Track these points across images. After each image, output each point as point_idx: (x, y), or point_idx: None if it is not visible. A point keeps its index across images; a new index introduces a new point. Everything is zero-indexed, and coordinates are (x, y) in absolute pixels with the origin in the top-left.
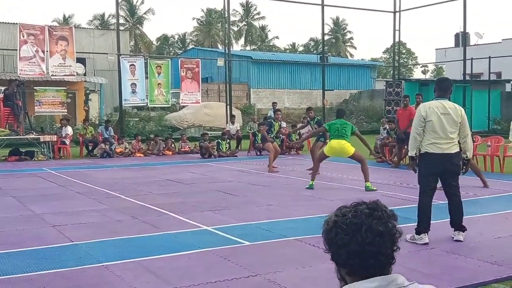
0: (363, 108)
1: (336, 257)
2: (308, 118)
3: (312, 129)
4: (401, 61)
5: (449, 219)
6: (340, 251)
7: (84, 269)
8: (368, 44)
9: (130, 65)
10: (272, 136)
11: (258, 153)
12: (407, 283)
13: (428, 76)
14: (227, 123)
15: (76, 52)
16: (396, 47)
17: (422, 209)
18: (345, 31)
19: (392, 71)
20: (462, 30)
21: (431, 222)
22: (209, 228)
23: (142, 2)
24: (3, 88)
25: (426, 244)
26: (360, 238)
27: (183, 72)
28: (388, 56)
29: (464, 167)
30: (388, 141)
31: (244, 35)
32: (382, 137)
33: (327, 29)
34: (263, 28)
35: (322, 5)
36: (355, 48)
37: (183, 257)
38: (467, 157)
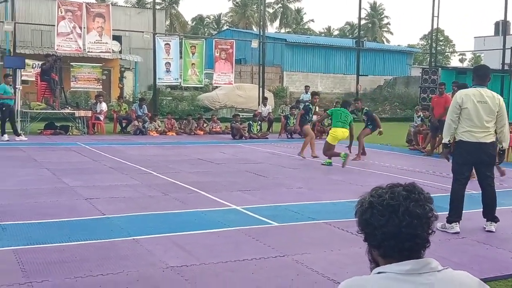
0: (398, 94)
1: (370, 239)
2: (355, 108)
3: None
4: (438, 48)
5: (481, 209)
6: (375, 232)
7: (115, 241)
8: (405, 30)
9: (165, 44)
10: (309, 120)
11: (289, 136)
12: (441, 267)
13: (465, 64)
14: (259, 105)
15: (112, 30)
16: (434, 34)
17: (455, 198)
18: (382, 16)
19: (429, 58)
20: (502, 18)
21: (463, 211)
22: (238, 208)
23: None
24: (40, 63)
25: (457, 233)
26: (397, 220)
27: (217, 53)
28: (425, 43)
29: (500, 157)
30: (422, 129)
31: (279, 17)
32: (416, 124)
33: (363, 14)
34: (298, 11)
35: None
36: (391, 33)
37: (212, 235)
38: (502, 147)
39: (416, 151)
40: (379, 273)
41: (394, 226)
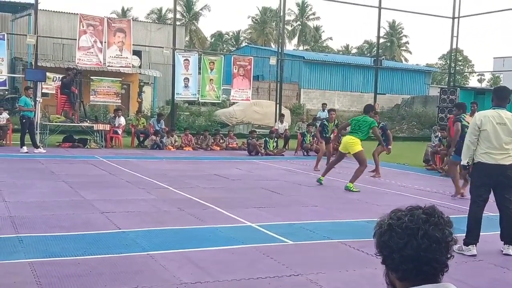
0: (416, 114)
1: (388, 261)
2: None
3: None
4: (457, 68)
5: (499, 232)
6: (393, 255)
7: (130, 256)
8: (423, 49)
9: (184, 60)
10: (326, 136)
11: (305, 154)
12: None
13: (484, 85)
14: (275, 121)
15: (133, 45)
16: (453, 54)
17: (472, 220)
18: (401, 35)
19: (447, 78)
20: None
21: (481, 233)
22: (253, 225)
23: None
24: (61, 76)
25: (474, 255)
26: (416, 243)
27: (235, 69)
28: (443, 63)
29: None
30: (439, 149)
31: (297, 34)
32: (433, 144)
33: (382, 32)
34: (317, 29)
35: (379, 8)
36: (410, 52)
37: (226, 251)
38: None
39: (434, 171)
40: None
41: (413, 249)
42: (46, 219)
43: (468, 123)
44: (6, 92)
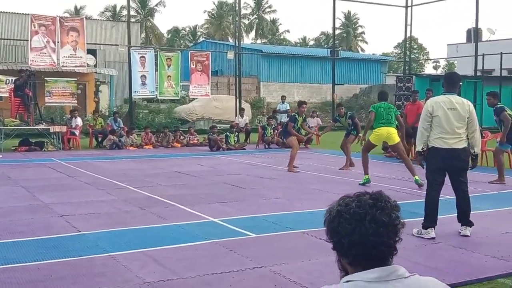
0: (373, 102)
1: (338, 247)
2: (338, 115)
3: (345, 125)
4: (412, 56)
5: (456, 214)
6: (342, 240)
7: (91, 258)
8: (379, 38)
9: (140, 57)
10: (296, 130)
11: (267, 146)
12: (408, 274)
13: (439, 71)
14: (236, 116)
15: (87, 44)
16: (407, 42)
17: (429, 204)
18: (357, 25)
19: (403, 66)
20: (474, 25)
21: (438, 216)
22: (216, 220)
23: None
24: (13, 79)
25: (432, 238)
26: (364, 229)
27: (193, 65)
28: (399, 51)
29: (472, 162)
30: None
31: (255, 28)
32: None
33: (338, 24)
34: (274, 22)
35: None
36: (366, 42)
37: (189, 248)
38: (475, 152)
39: (392, 158)
40: (347, 281)
41: (361, 234)
42: (3, 226)
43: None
44: None
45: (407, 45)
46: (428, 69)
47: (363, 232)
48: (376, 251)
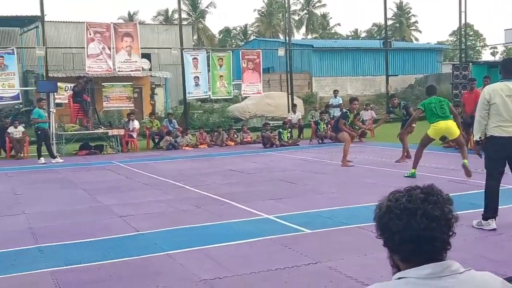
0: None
1: (389, 243)
2: (391, 106)
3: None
4: (469, 43)
5: None
6: (393, 237)
7: (149, 257)
8: (433, 27)
9: (193, 59)
10: (349, 126)
11: (320, 142)
12: (462, 269)
13: (497, 58)
14: (288, 112)
15: (141, 48)
16: (462, 29)
17: (489, 194)
18: (409, 15)
19: (459, 54)
20: None
21: (499, 207)
22: (271, 217)
23: None
24: (72, 85)
25: (493, 230)
26: (415, 224)
27: (244, 64)
28: (455, 39)
29: None
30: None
31: (305, 23)
32: None
33: (390, 14)
34: (324, 16)
35: None
36: (420, 32)
37: (244, 246)
38: None
39: (451, 148)
40: (399, 278)
41: (412, 229)
42: (65, 228)
43: None
44: (21, 106)
45: (462, 32)
46: (486, 56)
47: (415, 227)
48: (429, 247)
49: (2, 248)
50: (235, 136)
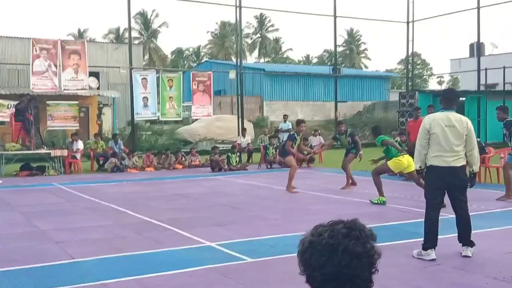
0: (377, 119)
1: (310, 280)
2: (337, 133)
3: (344, 143)
4: (416, 72)
5: (457, 234)
6: (314, 273)
7: (83, 287)
8: (383, 55)
9: (142, 79)
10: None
11: (269, 166)
12: None
13: (444, 87)
14: (238, 135)
15: (89, 66)
16: (409, 58)
17: (429, 224)
18: (359, 42)
19: (406, 82)
20: (476, 40)
21: (439, 237)
22: (213, 244)
23: (157, 16)
24: (15, 103)
25: (433, 260)
26: (336, 260)
27: (195, 85)
28: (403, 67)
29: (471, 181)
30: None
31: (258, 47)
32: None
33: (341, 41)
34: (277, 40)
35: (335, 16)
36: (369, 59)
37: (184, 275)
38: (473, 170)
39: (395, 176)
40: None
41: (333, 266)
42: None
43: None
44: None
45: (410, 61)
46: (432, 85)
47: (336, 264)
48: (350, 285)
49: None
50: (183, 159)
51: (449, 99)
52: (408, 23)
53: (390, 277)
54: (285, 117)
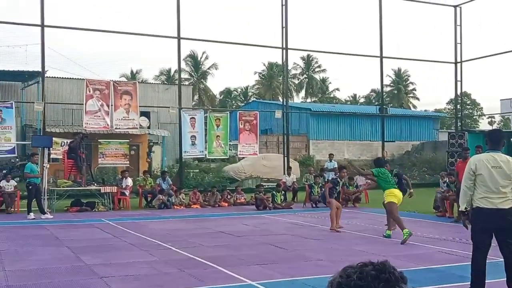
0: (426, 160)
1: None
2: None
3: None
4: (466, 112)
5: (505, 278)
6: None
7: None
8: (431, 95)
9: (191, 118)
10: (336, 193)
11: (314, 205)
12: None
13: (495, 126)
14: (284, 174)
15: (140, 106)
16: (459, 98)
17: (476, 267)
18: (407, 82)
19: (455, 122)
20: None
21: (486, 281)
22: (254, 283)
23: (207, 58)
24: (68, 141)
25: None
26: None
27: (241, 124)
28: (452, 107)
29: None
30: (448, 194)
31: (305, 87)
32: (442, 190)
33: (388, 80)
34: (323, 81)
35: (381, 57)
36: (418, 99)
37: None
38: None
39: (444, 217)
40: None
41: None
42: None
43: None
44: (17, 159)
45: (459, 101)
46: (483, 125)
47: None
48: None
49: None
50: (229, 197)
51: (494, 140)
52: (456, 63)
53: None
54: (331, 156)
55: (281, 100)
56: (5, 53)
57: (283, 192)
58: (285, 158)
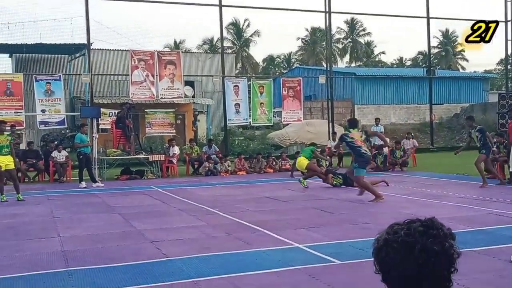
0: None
1: (387, 279)
2: (469, 128)
3: (474, 140)
4: None
5: None
6: (391, 272)
7: (176, 284)
8: (481, 56)
9: (234, 86)
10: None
11: None
12: None
13: None
14: (328, 139)
15: (184, 75)
16: (509, 58)
17: None
18: (456, 43)
19: (505, 83)
20: None
21: None
22: (301, 246)
23: (248, 26)
24: (116, 111)
25: None
26: (413, 258)
27: (285, 91)
28: (502, 68)
29: None
30: (498, 156)
31: (349, 52)
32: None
33: (436, 42)
34: (368, 44)
35: (428, 18)
36: (467, 60)
37: (272, 275)
38: None
39: (494, 179)
40: None
41: (410, 264)
42: (96, 252)
43: None
44: (67, 131)
45: (510, 60)
46: None
47: (413, 262)
48: (428, 283)
49: (33, 270)
50: (274, 163)
51: None
52: (506, 22)
53: (487, 283)
54: (377, 120)
55: (325, 66)
56: (52, 27)
57: (327, 157)
58: (330, 123)
